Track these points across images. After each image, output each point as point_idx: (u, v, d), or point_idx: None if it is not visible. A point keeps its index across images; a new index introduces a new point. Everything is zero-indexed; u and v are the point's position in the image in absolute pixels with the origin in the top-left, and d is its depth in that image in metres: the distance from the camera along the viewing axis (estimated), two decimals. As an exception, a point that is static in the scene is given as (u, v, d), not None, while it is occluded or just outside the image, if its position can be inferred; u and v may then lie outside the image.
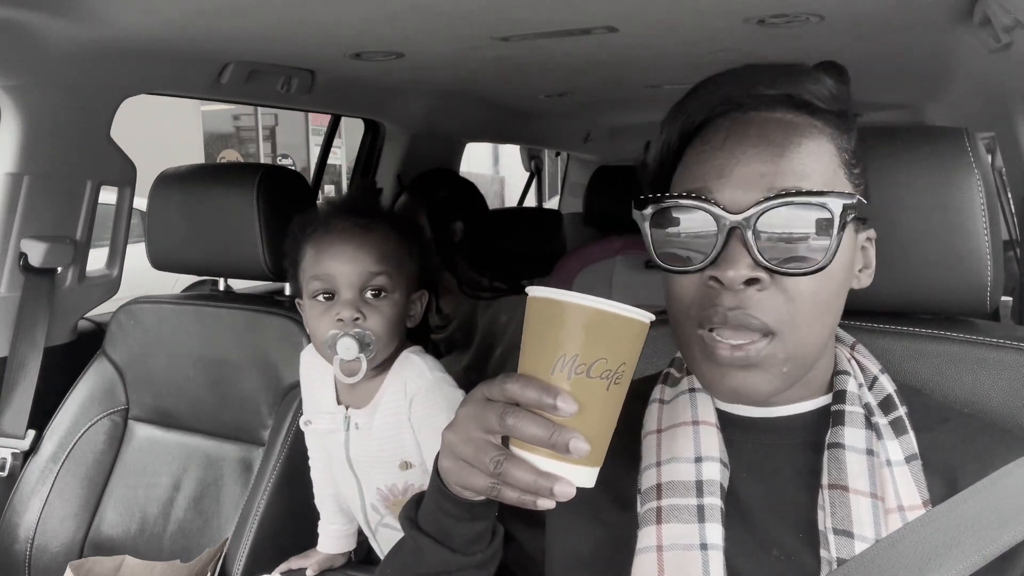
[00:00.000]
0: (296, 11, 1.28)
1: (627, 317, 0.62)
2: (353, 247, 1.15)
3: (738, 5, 1.28)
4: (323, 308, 1.16)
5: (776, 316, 0.67)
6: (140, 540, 1.50)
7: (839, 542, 0.67)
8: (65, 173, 1.63)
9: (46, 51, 1.37)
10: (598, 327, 0.61)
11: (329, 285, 1.15)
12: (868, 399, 0.73)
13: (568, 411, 0.60)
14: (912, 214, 0.83)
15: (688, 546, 0.69)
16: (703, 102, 0.72)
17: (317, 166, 2.97)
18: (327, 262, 1.15)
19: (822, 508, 0.69)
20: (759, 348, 0.67)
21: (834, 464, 0.70)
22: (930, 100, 2.33)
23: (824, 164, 0.68)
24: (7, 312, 1.62)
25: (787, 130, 0.68)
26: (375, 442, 1.22)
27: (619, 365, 0.62)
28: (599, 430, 0.63)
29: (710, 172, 0.68)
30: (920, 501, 0.68)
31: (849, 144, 0.71)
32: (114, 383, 1.61)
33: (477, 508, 0.69)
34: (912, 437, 0.71)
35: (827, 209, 0.65)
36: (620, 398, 0.64)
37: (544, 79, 2.04)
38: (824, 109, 0.70)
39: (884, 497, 0.68)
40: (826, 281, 0.67)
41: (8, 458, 1.58)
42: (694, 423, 0.76)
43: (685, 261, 0.70)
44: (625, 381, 0.63)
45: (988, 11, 1.14)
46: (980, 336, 0.84)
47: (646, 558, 0.70)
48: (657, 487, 0.73)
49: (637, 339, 0.63)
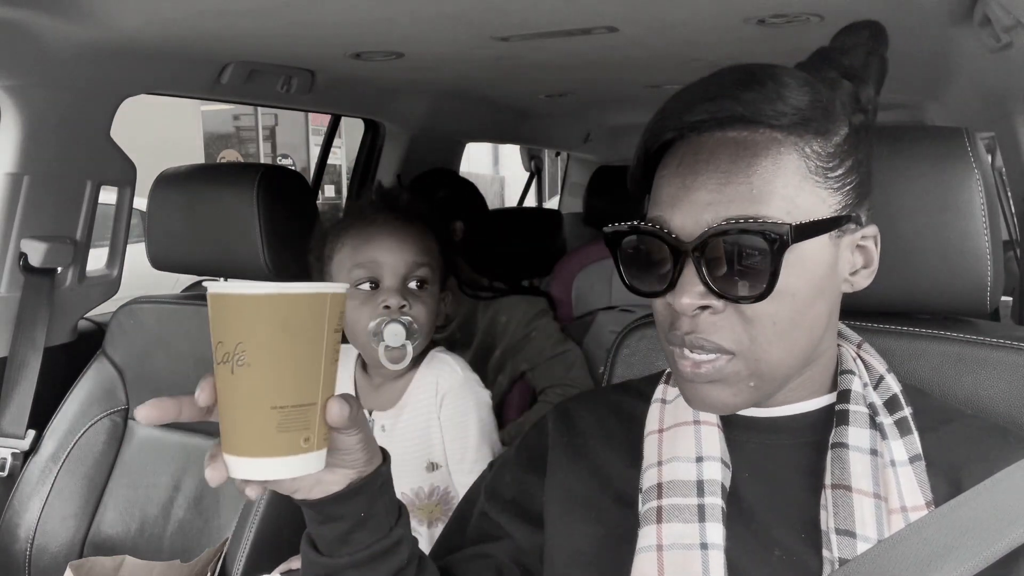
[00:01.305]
0: (296, 11, 1.28)
1: (219, 294, 0.60)
2: (398, 237, 1.16)
3: (738, 5, 1.28)
4: (365, 296, 1.15)
5: (733, 338, 0.68)
6: (140, 540, 1.50)
7: (841, 542, 0.66)
8: (65, 173, 1.63)
9: (46, 51, 1.37)
10: (212, 311, 0.61)
11: (374, 273, 1.15)
12: (873, 399, 0.73)
13: (200, 400, 0.62)
14: (912, 214, 0.83)
15: (688, 545, 0.69)
16: (661, 125, 0.71)
17: (317, 166, 2.97)
18: (372, 251, 1.15)
19: (825, 508, 0.69)
20: (719, 366, 0.68)
21: (837, 464, 0.69)
22: (930, 100, 2.33)
23: (785, 178, 0.67)
24: (7, 312, 1.62)
25: (739, 152, 0.67)
26: (401, 444, 1.21)
27: (235, 345, 0.59)
28: (236, 418, 0.60)
29: (664, 199, 0.70)
30: (923, 502, 0.68)
31: (824, 147, 0.68)
32: (114, 383, 1.61)
33: (327, 508, 0.69)
34: (916, 438, 0.71)
35: (768, 238, 0.65)
36: (254, 381, 0.59)
37: (544, 79, 2.04)
38: (779, 124, 0.67)
39: (887, 497, 0.68)
40: (786, 301, 0.67)
41: (8, 458, 1.58)
42: (695, 423, 0.76)
43: (649, 285, 0.71)
44: (256, 362, 0.59)
45: (988, 11, 1.14)
46: (980, 336, 0.84)
47: (646, 557, 0.70)
48: (658, 486, 0.73)
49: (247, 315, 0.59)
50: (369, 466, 0.69)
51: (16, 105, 1.50)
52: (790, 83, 0.69)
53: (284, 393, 0.60)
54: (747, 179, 0.66)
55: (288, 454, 0.60)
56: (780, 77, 0.69)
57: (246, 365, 0.59)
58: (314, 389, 0.61)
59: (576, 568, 0.76)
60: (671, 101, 0.72)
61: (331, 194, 10.59)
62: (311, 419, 0.61)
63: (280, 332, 0.59)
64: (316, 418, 0.62)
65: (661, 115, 0.72)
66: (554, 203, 4.57)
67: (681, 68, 1.74)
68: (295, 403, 0.60)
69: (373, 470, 0.69)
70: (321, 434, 0.63)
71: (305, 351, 0.60)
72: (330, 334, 0.61)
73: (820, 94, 0.69)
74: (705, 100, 0.68)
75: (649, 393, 0.82)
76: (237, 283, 0.60)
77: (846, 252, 0.71)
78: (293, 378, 0.60)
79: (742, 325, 0.68)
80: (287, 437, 0.60)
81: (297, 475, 0.62)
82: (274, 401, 0.60)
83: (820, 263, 0.68)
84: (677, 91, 0.72)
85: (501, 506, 0.85)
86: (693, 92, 0.70)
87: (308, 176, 2.92)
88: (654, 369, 0.93)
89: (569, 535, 0.78)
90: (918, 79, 1.96)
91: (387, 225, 1.18)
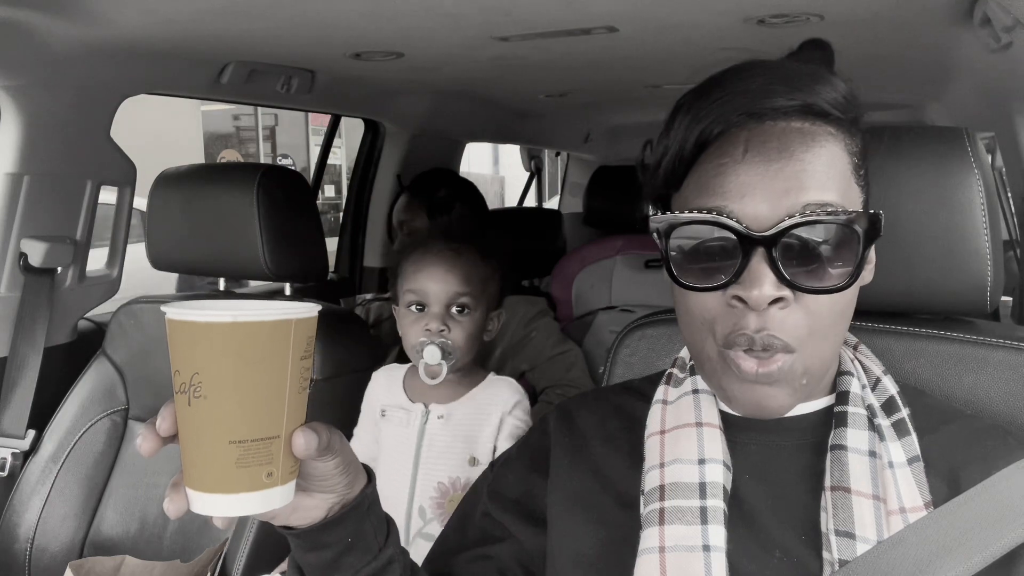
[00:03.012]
0: (296, 11, 1.28)
1: (174, 319, 0.55)
2: (444, 269, 1.31)
3: (738, 5, 1.28)
4: (415, 317, 1.32)
5: (797, 334, 0.66)
6: (140, 540, 1.50)
7: (841, 544, 0.66)
8: (65, 173, 1.63)
9: (46, 51, 1.37)
10: (170, 336, 0.57)
11: (421, 299, 1.31)
12: (871, 400, 0.73)
13: (160, 430, 0.57)
14: (912, 214, 0.83)
15: (691, 548, 0.69)
16: (720, 112, 0.68)
17: (317, 166, 2.97)
18: (421, 279, 1.31)
19: (824, 510, 0.69)
20: (781, 363, 0.66)
21: (837, 466, 0.70)
22: (930, 100, 2.33)
23: (840, 172, 0.67)
24: (7, 312, 1.62)
25: (806, 140, 0.66)
26: (452, 434, 1.32)
27: (191, 375, 0.55)
28: (195, 451, 0.57)
29: (730, 188, 0.66)
30: (922, 503, 0.68)
31: (857, 147, 0.70)
32: (114, 383, 1.61)
33: (311, 537, 0.66)
34: (914, 439, 0.71)
35: (853, 229, 0.64)
36: (211, 414, 0.55)
37: (544, 79, 2.04)
38: (839, 116, 0.68)
39: (886, 499, 0.68)
40: (846, 293, 0.67)
41: (8, 458, 1.58)
42: (697, 425, 0.75)
43: (706, 279, 0.68)
44: (212, 394, 0.55)
45: (988, 11, 1.14)
46: (980, 336, 0.84)
47: (648, 559, 0.70)
48: (660, 488, 0.73)
49: (203, 344, 0.55)
50: (352, 489, 0.66)
51: (16, 105, 1.50)
52: (839, 82, 0.69)
53: (244, 427, 0.56)
54: (818, 166, 0.65)
55: (249, 490, 0.57)
56: (831, 75, 0.69)
57: (202, 397, 0.55)
58: (277, 422, 0.57)
59: (578, 570, 0.76)
60: (719, 86, 0.70)
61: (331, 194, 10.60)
62: (274, 453, 0.57)
63: (238, 362, 0.55)
64: (280, 451, 0.58)
65: (713, 99, 0.69)
66: (554, 203, 4.57)
67: (681, 68, 1.74)
68: (256, 437, 0.56)
69: (357, 493, 0.67)
70: (287, 467, 0.59)
71: (267, 382, 0.56)
72: (295, 362, 0.57)
73: (848, 89, 0.70)
74: (767, 88, 0.67)
75: (650, 394, 0.82)
76: (197, 305, 0.57)
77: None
78: (253, 411, 0.56)
79: (804, 319, 0.66)
80: (248, 472, 0.56)
81: (260, 511, 0.59)
82: (232, 435, 0.56)
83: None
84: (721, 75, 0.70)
85: (504, 506, 0.84)
86: (749, 78, 0.69)
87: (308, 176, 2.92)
88: (654, 369, 0.92)
89: (571, 537, 0.78)
90: (918, 79, 1.96)
91: (438, 256, 1.32)
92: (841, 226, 0.64)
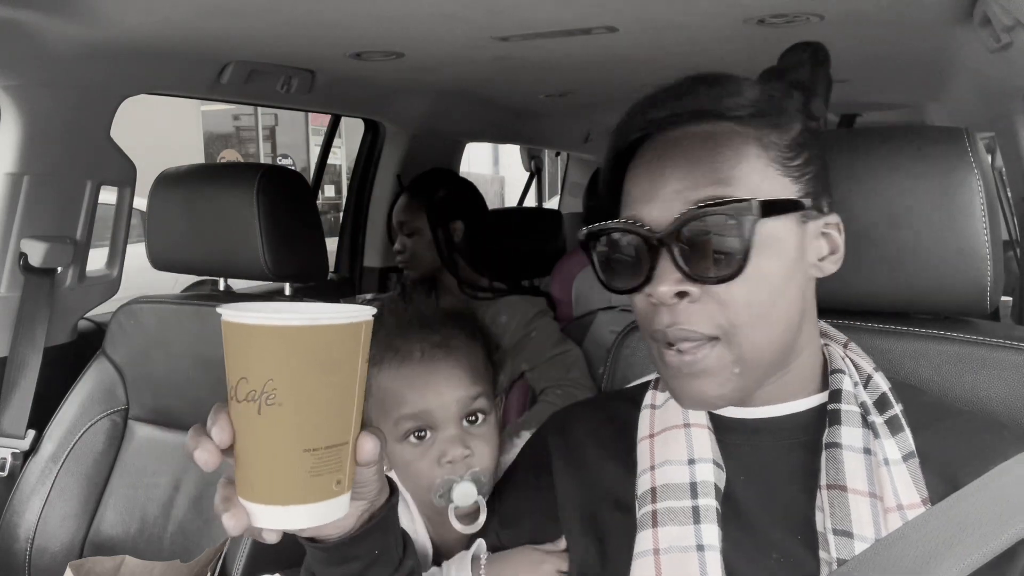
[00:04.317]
0: (296, 11, 1.27)
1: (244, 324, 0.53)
2: (445, 372, 0.94)
3: (738, 5, 1.28)
4: (420, 450, 0.93)
5: (713, 323, 0.69)
6: (140, 540, 1.50)
7: (839, 543, 0.66)
8: (65, 173, 1.63)
9: (46, 51, 1.37)
10: (231, 341, 0.54)
11: (424, 423, 0.93)
12: (864, 398, 0.73)
13: (219, 442, 0.55)
14: (912, 214, 0.83)
15: (685, 548, 0.69)
16: (628, 126, 0.74)
17: (317, 166, 2.97)
18: (418, 397, 0.93)
19: (820, 509, 0.69)
20: (705, 354, 0.69)
21: (832, 464, 0.70)
22: (930, 100, 2.33)
23: (748, 165, 0.69)
24: (7, 312, 1.62)
25: (704, 141, 0.70)
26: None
27: (264, 383, 0.52)
28: (263, 462, 0.54)
29: (638, 195, 0.71)
30: (919, 499, 0.68)
31: (782, 139, 0.71)
32: (114, 383, 1.61)
33: (342, 549, 0.65)
34: (909, 435, 0.71)
35: (740, 217, 0.67)
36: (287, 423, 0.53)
37: (544, 79, 2.04)
38: (742, 116, 0.71)
39: (883, 496, 0.68)
40: (760, 284, 0.68)
41: (8, 458, 1.58)
42: (685, 426, 0.76)
43: (628, 281, 0.72)
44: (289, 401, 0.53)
45: (988, 11, 1.14)
46: (980, 336, 0.84)
47: (644, 562, 0.70)
48: (652, 491, 0.73)
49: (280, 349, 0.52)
50: (381, 497, 0.66)
51: (16, 105, 1.50)
52: (744, 82, 0.72)
53: (319, 434, 0.54)
54: (712, 166, 0.69)
55: (320, 500, 0.55)
56: (734, 78, 0.73)
57: (277, 405, 0.52)
58: (348, 426, 0.56)
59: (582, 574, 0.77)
60: (636, 104, 0.75)
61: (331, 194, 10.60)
62: (343, 459, 0.56)
63: (316, 368, 0.53)
64: (348, 458, 0.56)
65: (628, 117, 0.74)
66: (554, 203, 4.57)
67: (681, 68, 1.74)
68: (329, 444, 0.54)
69: (384, 502, 0.66)
70: (351, 474, 0.57)
71: (342, 386, 0.55)
72: (363, 364, 0.56)
73: (773, 91, 0.73)
74: (669, 99, 0.72)
75: (640, 399, 0.82)
76: (252, 307, 0.55)
77: (812, 238, 0.73)
78: (328, 417, 0.54)
79: (720, 311, 0.68)
80: (320, 481, 0.54)
81: (328, 521, 0.57)
82: (308, 443, 0.53)
83: (790, 246, 0.70)
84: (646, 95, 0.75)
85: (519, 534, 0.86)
86: (657, 94, 0.74)
87: (308, 176, 2.92)
88: (654, 369, 0.93)
89: (573, 548, 0.78)
90: (918, 79, 1.96)
91: (428, 359, 0.95)
92: (728, 216, 0.67)
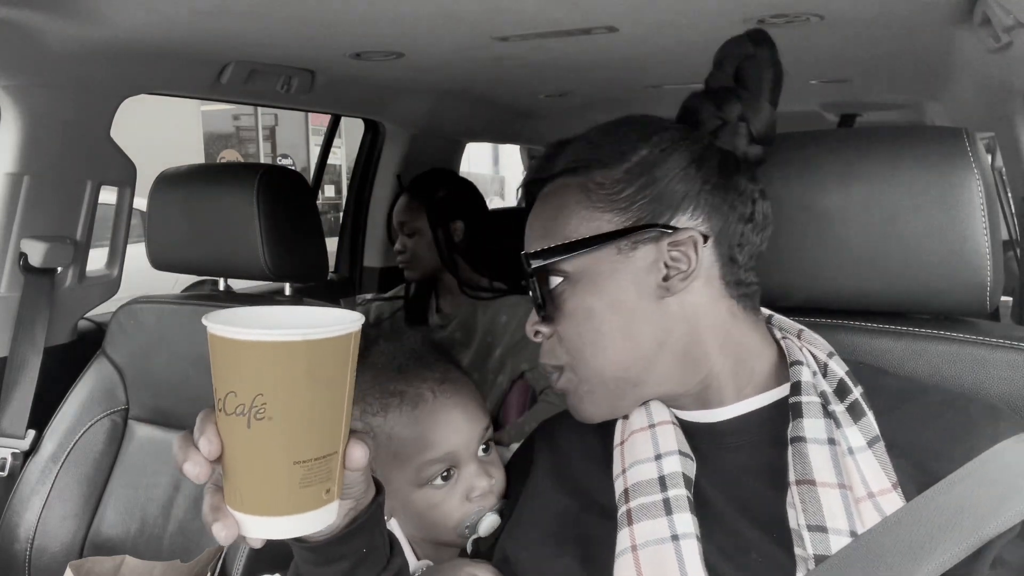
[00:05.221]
0: (296, 11, 1.27)
1: (232, 339, 0.51)
2: (461, 409, 0.92)
3: (738, 5, 1.27)
4: (446, 491, 0.90)
5: (556, 356, 0.79)
6: (140, 540, 1.50)
7: (814, 538, 0.66)
8: (65, 173, 1.63)
9: (46, 51, 1.37)
10: (218, 354, 0.53)
11: (452, 462, 0.91)
12: (823, 387, 0.73)
13: (208, 454, 0.54)
14: (912, 214, 0.83)
15: (660, 540, 0.69)
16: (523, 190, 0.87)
17: (317, 166, 2.97)
18: (442, 439, 0.90)
19: (792, 506, 0.68)
20: (557, 378, 0.80)
21: (798, 459, 0.69)
22: (930, 100, 2.33)
23: (568, 212, 0.77)
24: (7, 312, 1.62)
25: (543, 200, 0.80)
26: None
27: (253, 397, 0.52)
28: (252, 475, 0.54)
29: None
30: (889, 484, 0.67)
31: (609, 176, 0.76)
32: (114, 383, 1.61)
33: (330, 549, 0.65)
34: (872, 419, 0.71)
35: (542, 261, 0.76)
36: (276, 436, 0.52)
37: (544, 79, 2.04)
38: (567, 170, 0.78)
39: (852, 486, 0.68)
40: (583, 317, 0.75)
41: (8, 458, 1.58)
42: (651, 426, 0.78)
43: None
44: (279, 415, 0.52)
45: (988, 11, 1.14)
46: (980, 336, 0.84)
47: (624, 561, 0.70)
48: (625, 492, 0.74)
49: (269, 364, 0.51)
50: (367, 496, 0.66)
51: (16, 105, 1.50)
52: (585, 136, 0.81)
53: (310, 447, 0.54)
54: (541, 223, 0.79)
55: (311, 509, 0.55)
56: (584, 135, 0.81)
57: (267, 419, 0.52)
58: (337, 437, 0.56)
59: None
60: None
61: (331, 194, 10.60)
62: (332, 468, 0.56)
63: (308, 382, 0.52)
64: (337, 466, 0.56)
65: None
66: (554, 203, 4.55)
67: (681, 68, 1.74)
68: (319, 455, 0.54)
69: (370, 500, 0.66)
70: (340, 481, 0.57)
71: (332, 398, 0.54)
72: (351, 374, 0.56)
73: (608, 134, 0.79)
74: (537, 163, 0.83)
75: None
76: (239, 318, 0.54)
77: (646, 262, 0.75)
78: (320, 429, 0.54)
79: (559, 344, 0.78)
80: (310, 491, 0.54)
81: (318, 528, 0.57)
82: (299, 456, 0.53)
83: (611, 279, 0.75)
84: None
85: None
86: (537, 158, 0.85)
87: (308, 176, 2.92)
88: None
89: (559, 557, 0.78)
90: (918, 79, 1.96)
91: (445, 400, 0.92)
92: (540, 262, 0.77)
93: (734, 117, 0.78)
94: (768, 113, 0.79)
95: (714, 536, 0.71)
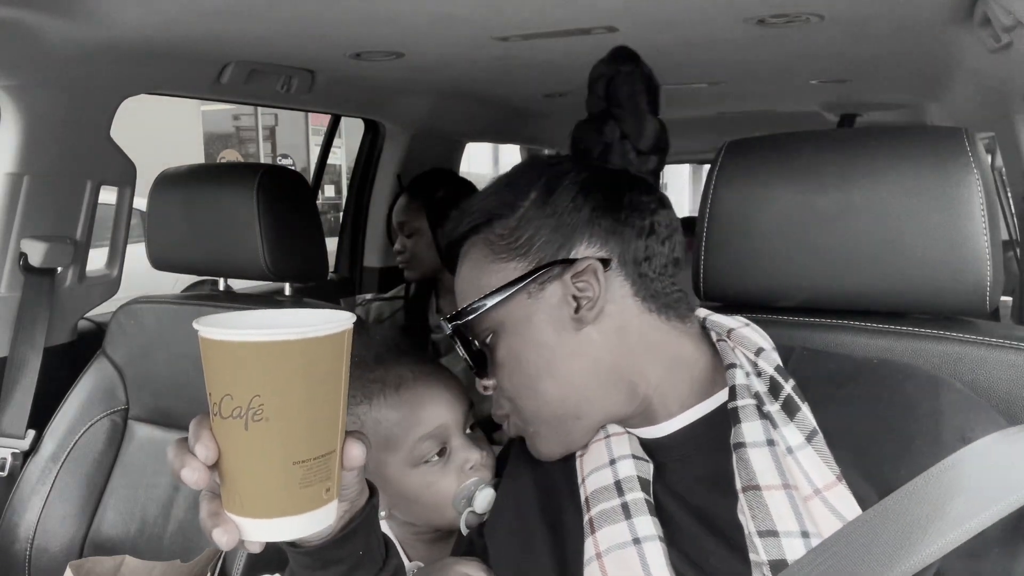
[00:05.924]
0: (296, 11, 1.27)
1: (225, 341, 0.51)
2: (444, 384, 0.97)
3: (738, 5, 1.27)
4: (440, 467, 0.93)
5: (501, 405, 0.82)
6: (140, 540, 1.50)
7: (766, 544, 0.66)
8: (65, 173, 1.63)
9: (46, 51, 1.37)
10: (212, 358, 0.52)
11: (443, 438, 0.94)
12: (756, 387, 0.73)
13: (204, 459, 0.54)
14: (912, 214, 0.83)
15: (622, 544, 0.69)
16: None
17: (317, 166, 2.97)
18: (432, 415, 0.94)
19: (742, 513, 0.68)
20: (508, 424, 0.83)
21: (742, 465, 0.69)
22: (930, 100, 2.33)
23: (476, 268, 0.80)
24: (7, 312, 1.62)
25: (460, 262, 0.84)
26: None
27: (250, 399, 0.51)
28: (251, 477, 0.53)
29: None
30: (833, 477, 0.67)
31: (506, 225, 0.79)
32: (114, 383, 1.61)
33: (325, 553, 0.65)
34: (807, 412, 0.70)
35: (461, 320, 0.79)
36: (275, 437, 0.52)
37: (544, 79, 2.04)
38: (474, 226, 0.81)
39: (797, 485, 0.67)
40: (513, 364, 0.78)
41: (8, 458, 1.58)
42: (606, 437, 0.78)
43: None
44: (276, 416, 0.52)
45: (988, 11, 1.14)
46: (980, 336, 0.84)
47: (590, 570, 0.70)
48: (586, 500, 0.74)
49: (265, 365, 0.51)
50: (361, 498, 0.66)
51: (16, 105, 1.50)
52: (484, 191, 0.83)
53: (309, 446, 0.53)
54: (461, 286, 0.82)
55: (311, 509, 0.55)
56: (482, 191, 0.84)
57: (264, 420, 0.51)
58: (335, 435, 0.55)
59: None
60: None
61: (331, 194, 10.61)
62: (331, 467, 0.55)
63: (304, 381, 0.52)
64: (336, 465, 0.56)
65: None
66: (554, 203, 4.55)
67: (681, 68, 1.74)
68: (319, 454, 0.54)
69: (364, 502, 0.66)
70: (339, 480, 0.57)
71: (329, 397, 0.54)
72: (346, 372, 0.56)
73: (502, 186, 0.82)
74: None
75: None
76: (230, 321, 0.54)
77: (556, 299, 0.76)
78: (318, 428, 0.54)
79: (502, 395, 0.81)
80: (310, 491, 0.54)
81: (319, 529, 0.57)
82: (298, 456, 0.53)
83: (528, 323, 0.76)
84: None
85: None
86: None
87: (308, 176, 2.92)
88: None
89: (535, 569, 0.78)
90: (918, 79, 1.96)
91: (427, 378, 0.97)
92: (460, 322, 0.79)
93: (615, 137, 0.80)
94: (650, 124, 0.81)
95: (681, 546, 0.71)
